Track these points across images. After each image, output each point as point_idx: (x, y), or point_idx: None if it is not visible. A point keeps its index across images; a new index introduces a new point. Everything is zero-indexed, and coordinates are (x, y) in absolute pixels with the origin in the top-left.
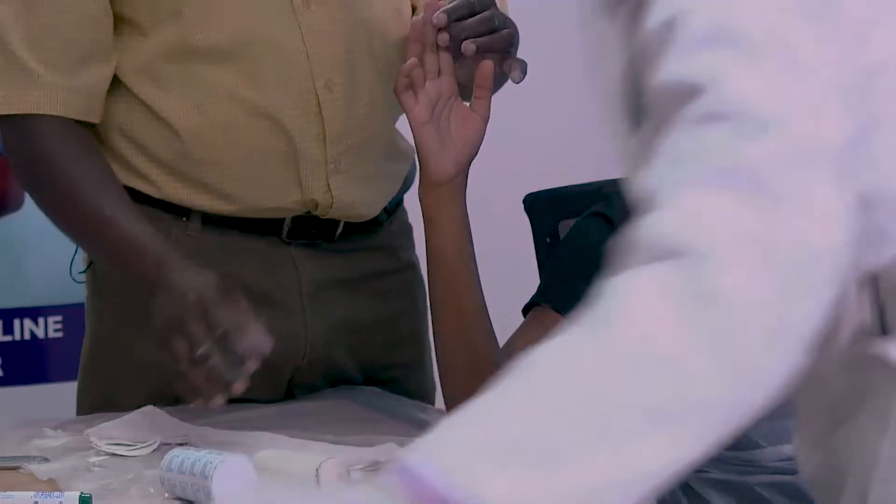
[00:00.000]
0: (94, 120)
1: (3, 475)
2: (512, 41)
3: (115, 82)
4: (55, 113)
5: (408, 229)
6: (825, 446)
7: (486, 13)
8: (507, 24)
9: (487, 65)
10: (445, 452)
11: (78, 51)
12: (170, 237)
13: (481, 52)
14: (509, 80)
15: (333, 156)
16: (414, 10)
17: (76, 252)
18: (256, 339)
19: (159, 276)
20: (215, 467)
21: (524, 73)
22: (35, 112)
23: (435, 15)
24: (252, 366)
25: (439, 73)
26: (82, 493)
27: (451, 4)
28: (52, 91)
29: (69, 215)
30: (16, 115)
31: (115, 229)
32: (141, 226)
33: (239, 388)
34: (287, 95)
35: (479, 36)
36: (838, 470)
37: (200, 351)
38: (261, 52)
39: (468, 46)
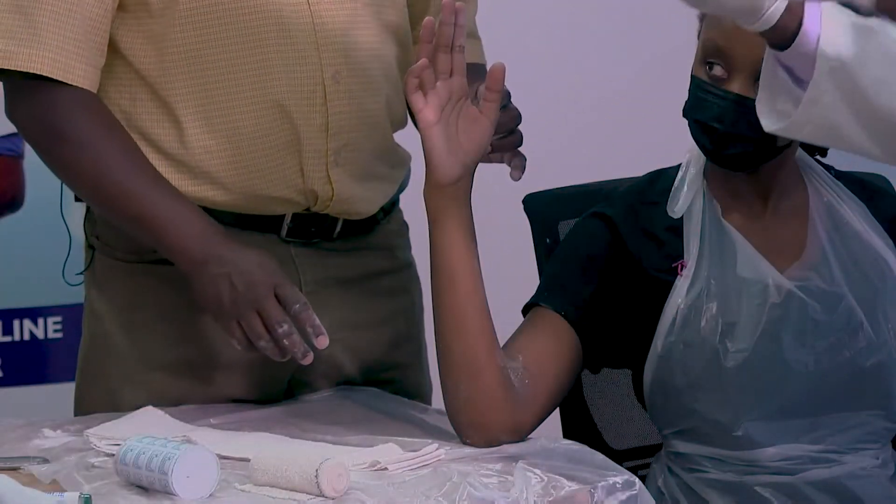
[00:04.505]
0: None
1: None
2: (521, 142)
3: (120, 71)
4: (89, 87)
5: (404, 228)
6: None
7: (516, 110)
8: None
9: (499, 67)
10: None
11: (98, 33)
12: None
13: (497, 151)
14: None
15: (334, 148)
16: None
17: (69, 255)
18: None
19: (205, 252)
20: (175, 462)
21: (523, 172)
22: (70, 83)
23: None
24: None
25: (451, 74)
26: (82, 493)
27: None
28: (86, 69)
29: (102, 192)
30: (42, 85)
31: (152, 205)
32: (182, 202)
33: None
34: (295, 84)
35: (507, 133)
36: None
37: (281, 329)
38: (271, 40)
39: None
